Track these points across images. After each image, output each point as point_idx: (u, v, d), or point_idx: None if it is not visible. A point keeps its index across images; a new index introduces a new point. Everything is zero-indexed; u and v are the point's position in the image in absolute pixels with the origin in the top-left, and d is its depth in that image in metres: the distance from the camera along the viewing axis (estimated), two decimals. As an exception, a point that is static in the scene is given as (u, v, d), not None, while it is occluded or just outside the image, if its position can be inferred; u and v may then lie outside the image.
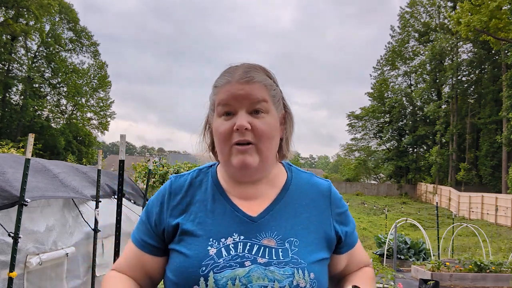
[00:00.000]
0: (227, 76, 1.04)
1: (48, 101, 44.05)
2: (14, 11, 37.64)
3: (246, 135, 1.00)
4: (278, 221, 1.03)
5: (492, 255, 12.45)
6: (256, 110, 1.01)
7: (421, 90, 44.06)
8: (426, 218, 25.93)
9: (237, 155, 1.01)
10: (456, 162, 38.48)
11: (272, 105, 1.05)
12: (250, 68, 1.05)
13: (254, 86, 1.02)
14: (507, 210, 22.63)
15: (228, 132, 1.01)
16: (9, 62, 39.09)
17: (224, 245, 0.98)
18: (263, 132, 1.01)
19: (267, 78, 1.06)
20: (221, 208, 1.04)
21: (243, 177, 1.06)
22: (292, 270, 0.96)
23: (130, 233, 3.91)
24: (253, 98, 1.01)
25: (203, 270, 0.95)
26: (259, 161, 1.02)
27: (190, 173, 1.13)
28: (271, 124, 1.03)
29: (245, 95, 1.01)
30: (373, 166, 50.74)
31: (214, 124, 1.06)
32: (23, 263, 3.10)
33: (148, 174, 5.66)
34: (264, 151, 1.02)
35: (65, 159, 26.05)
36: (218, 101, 1.04)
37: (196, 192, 1.08)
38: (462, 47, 40.22)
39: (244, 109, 1.01)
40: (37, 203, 3.34)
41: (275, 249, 0.98)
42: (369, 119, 47.96)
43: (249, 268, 0.95)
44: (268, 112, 1.03)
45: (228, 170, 1.07)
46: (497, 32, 24.85)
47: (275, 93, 1.07)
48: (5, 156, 4.03)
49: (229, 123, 1.01)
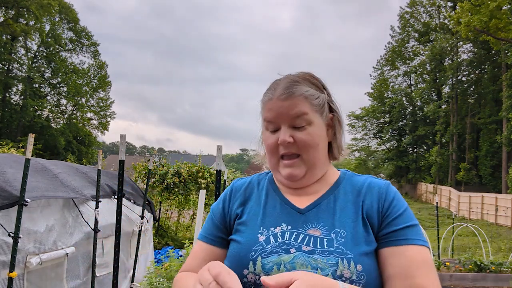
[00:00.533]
0: (269, 93, 1.11)
1: (48, 101, 44.04)
2: (14, 11, 37.64)
3: (290, 148, 1.08)
4: (325, 214, 1.07)
5: (492, 255, 12.44)
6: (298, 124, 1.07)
7: (421, 90, 44.06)
8: (426, 218, 25.93)
9: (285, 168, 1.10)
10: (456, 162, 38.48)
11: (315, 114, 1.09)
12: (291, 82, 1.09)
13: (293, 102, 1.07)
14: (507, 210, 22.63)
15: (274, 146, 1.10)
16: (9, 62, 39.09)
17: (273, 233, 1.05)
18: (306, 143, 1.07)
19: (308, 88, 1.10)
20: (273, 201, 1.14)
21: (293, 186, 1.14)
22: (337, 260, 0.97)
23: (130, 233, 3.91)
24: (292, 114, 1.06)
25: (252, 255, 1.02)
26: (306, 170, 1.10)
27: (251, 177, 1.25)
28: (314, 133, 1.08)
29: (285, 112, 1.07)
30: (373, 166, 50.75)
31: (263, 136, 1.16)
32: (23, 263, 3.10)
33: (148, 174, 5.66)
34: (310, 160, 1.09)
35: (65, 159, 26.04)
36: (264, 117, 1.12)
37: (253, 189, 1.20)
38: (462, 47, 40.22)
39: (286, 125, 1.07)
40: (37, 203, 3.34)
41: (320, 238, 1.02)
42: (369, 119, 47.95)
43: (294, 255, 1.00)
44: (310, 123, 1.08)
45: (277, 179, 1.17)
46: (497, 32, 24.84)
47: (318, 101, 1.10)
48: (5, 156, 4.03)
49: (275, 137, 1.09)
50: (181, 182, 9.79)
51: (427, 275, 0.94)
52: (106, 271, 4.46)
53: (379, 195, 1.08)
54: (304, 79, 1.12)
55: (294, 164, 1.09)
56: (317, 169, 1.12)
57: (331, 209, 1.08)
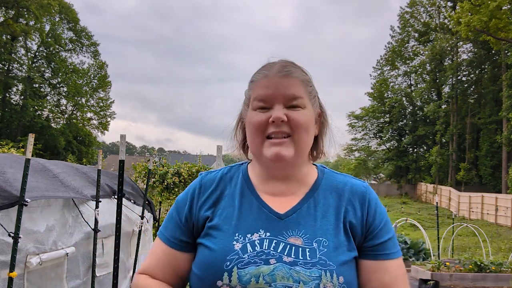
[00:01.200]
0: (264, 71, 1.04)
1: (48, 101, 44.04)
2: (14, 11, 37.65)
3: (282, 126, 0.99)
4: (306, 220, 1.00)
5: (492, 255, 12.44)
6: (293, 105, 1.01)
7: (421, 90, 44.07)
8: (426, 218, 25.92)
9: (271, 147, 1.00)
10: (456, 162, 38.47)
11: (309, 101, 1.05)
12: (288, 64, 1.05)
13: (291, 81, 1.01)
14: (507, 210, 22.63)
15: (262, 123, 1.00)
16: (9, 62, 39.09)
17: (250, 240, 0.96)
18: (300, 123, 1.00)
19: (304, 74, 1.06)
20: (248, 203, 1.03)
21: (276, 170, 1.04)
22: (320, 272, 0.92)
23: (130, 233, 3.91)
24: (290, 94, 1.00)
25: (227, 264, 0.93)
26: (294, 153, 1.01)
27: (221, 169, 1.13)
28: (308, 116, 1.02)
29: (282, 90, 1.00)
30: (373, 166, 50.75)
31: (248, 116, 1.05)
32: (23, 263, 3.10)
33: (148, 174, 5.66)
34: (301, 143, 1.01)
35: (65, 159, 26.05)
36: (255, 96, 1.03)
37: (226, 187, 1.08)
38: (462, 47, 40.23)
39: (281, 103, 1.00)
40: (37, 203, 3.34)
41: (302, 248, 0.95)
42: (369, 119, 47.94)
43: (273, 266, 0.92)
44: (304, 107, 1.02)
45: (261, 163, 1.06)
46: (497, 32, 24.83)
47: (311, 89, 1.06)
48: (5, 156, 4.03)
49: (265, 115, 1.01)
50: (181, 182, 9.79)
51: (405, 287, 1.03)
52: (106, 271, 4.46)
53: (362, 202, 1.05)
54: (299, 67, 1.08)
55: (283, 144, 0.99)
56: (303, 157, 1.05)
57: (312, 215, 1.01)
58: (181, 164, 10.23)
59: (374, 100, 47.44)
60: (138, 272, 1.10)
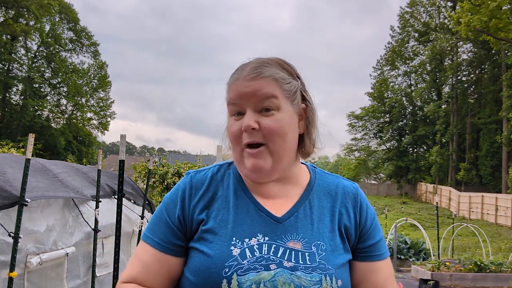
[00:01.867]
0: (236, 74, 1.00)
1: (48, 101, 44.05)
2: (14, 11, 37.65)
3: (254, 135, 0.95)
4: (303, 223, 0.98)
5: (492, 255, 12.45)
6: (265, 108, 0.96)
7: (421, 90, 44.08)
8: (426, 218, 25.93)
9: (249, 158, 0.96)
10: (456, 162, 38.48)
11: (285, 100, 0.98)
12: (260, 63, 0.99)
13: (261, 82, 0.96)
14: (507, 210, 22.63)
15: (237, 133, 0.97)
16: (9, 62, 39.11)
17: (248, 245, 0.93)
18: (272, 130, 0.95)
19: (279, 71, 0.99)
20: (244, 205, 0.99)
21: (257, 180, 1.01)
22: (320, 277, 0.91)
23: (130, 233, 3.89)
24: (259, 95, 0.95)
25: (226, 271, 0.89)
26: (272, 162, 0.97)
27: (210, 168, 1.08)
28: (282, 120, 0.96)
29: (251, 93, 0.95)
30: (373, 166, 50.77)
31: (227, 123, 1.02)
32: (23, 263, 3.11)
33: (148, 174, 5.66)
34: (277, 151, 0.96)
35: (65, 159, 26.04)
36: (228, 100, 1.00)
37: (218, 187, 1.03)
38: (462, 47, 40.26)
39: (251, 108, 0.96)
40: (37, 203, 3.34)
41: (302, 252, 0.93)
42: (369, 119, 47.97)
43: (274, 271, 0.89)
44: (278, 108, 0.97)
45: (242, 172, 1.02)
46: (497, 32, 24.84)
47: (288, 86, 0.99)
48: (5, 156, 4.03)
49: (239, 123, 0.97)
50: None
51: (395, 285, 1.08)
52: (106, 271, 4.46)
53: (354, 204, 1.05)
54: (275, 63, 1.01)
55: (258, 154, 0.95)
56: (284, 162, 1.00)
57: (309, 218, 0.99)
58: (181, 164, 10.23)
59: (374, 100, 47.46)
60: (122, 281, 1.00)
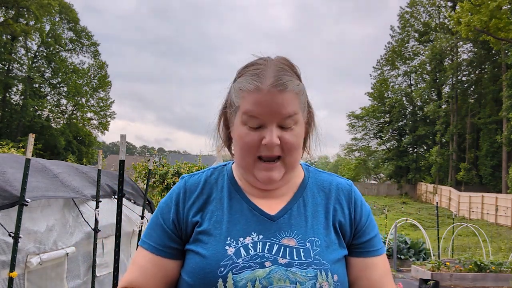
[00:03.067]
0: (256, 81, 0.93)
1: (48, 101, 44.07)
2: (14, 11, 37.66)
3: (274, 150, 0.94)
4: (297, 220, 0.99)
5: (492, 255, 12.45)
6: (287, 124, 0.95)
7: (421, 90, 44.10)
8: (426, 218, 25.93)
9: (262, 171, 0.97)
10: (456, 162, 38.49)
11: (302, 112, 0.98)
12: (281, 70, 0.95)
13: (286, 97, 0.92)
14: (507, 210, 22.64)
15: (254, 145, 0.94)
16: (9, 62, 39.11)
17: (243, 244, 0.93)
18: (292, 145, 0.95)
19: (298, 82, 0.97)
20: (238, 206, 1.00)
21: (266, 188, 1.02)
22: (315, 272, 0.91)
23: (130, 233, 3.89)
24: (285, 114, 0.93)
25: (221, 270, 0.89)
26: (284, 173, 0.99)
27: (204, 172, 1.08)
28: (299, 134, 0.98)
29: (277, 109, 0.92)
30: (373, 166, 50.78)
31: (237, 130, 0.98)
32: (23, 263, 3.11)
33: (148, 174, 5.66)
34: (292, 163, 0.99)
35: (65, 159, 26.04)
36: (244, 110, 0.94)
37: (212, 190, 1.03)
38: (462, 47, 40.27)
39: (274, 123, 0.93)
40: (37, 203, 3.34)
41: (296, 249, 0.94)
42: (369, 119, 47.98)
43: (269, 269, 0.90)
44: (297, 123, 0.97)
45: (249, 179, 1.03)
46: (497, 32, 24.83)
47: (304, 98, 0.99)
48: (5, 156, 4.03)
49: (256, 134, 0.94)
50: (181, 182, 9.79)
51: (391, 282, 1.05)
52: (106, 271, 4.46)
53: (348, 200, 1.06)
54: (291, 68, 0.98)
55: (275, 168, 0.96)
56: (294, 171, 1.04)
57: (303, 215, 1.00)
58: (181, 164, 10.23)
59: (374, 100, 47.47)
60: (121, 287, 1.00)
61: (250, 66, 0.98)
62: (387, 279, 1.04)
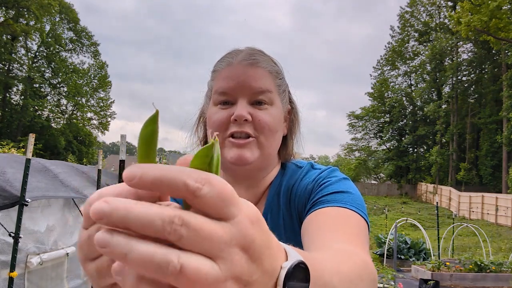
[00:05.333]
0: (228, 58, 0.91)
1: (48, 101, 44.06)
2: (14, 11, 37.67)
3: (245, 126, 0.87)
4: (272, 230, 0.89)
5: (492, 255, 12.46)
6: (258, 101, 0.89)
7: (421, 90, 44.10)
8: (426, 218, 25.93)
9: (232, 149, 0.88)
10: (456, 162, 38.49)
11: (277, 96, 0.92)
12: (255, 51, 0.92)
13: (258, 72, 0.89)
14: (507, 210, 22.63)
15: (224, 122, 0.88)
16: (9, 62, 39.11)
17: None
18: (266, 124, 0.88)
19: (274, 64, 0.94)
20: None
21: (238, 175, 0.94)
22: None
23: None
24: (256, 87, 0.88)
25: None
26: (259, 156, 0.89)
27: None
28: (275, 116, 0.90)
29: (247, 81, 0.87)
30: (373, 166, 50.76)
31: (208, 112, 0.93)
32: (23, 263, 3.11)
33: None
34: (266, 146, 0.89)
35: (66, 159, 26.05)
36: (216, 87, 0.91)
37: None
38: (462, 47, 40.27)
39: (245, 98, 0.88)
40: (37, 203, 3.34)
41: None
42: (369, 119, 47.98)
43: None
44: (272, 103, 0.90)
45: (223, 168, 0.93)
46: (497, 32, 24.84)
47: (281, 82, 0.94)
48: (5, 156, 4.03)
49: (226, 112, 0.89)
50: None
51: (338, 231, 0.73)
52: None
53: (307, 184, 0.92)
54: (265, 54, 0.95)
55: (246, 145, 0.87)
56: (270, 160, 0.94)
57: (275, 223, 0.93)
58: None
59: (374, 100, 47.48)
60: None
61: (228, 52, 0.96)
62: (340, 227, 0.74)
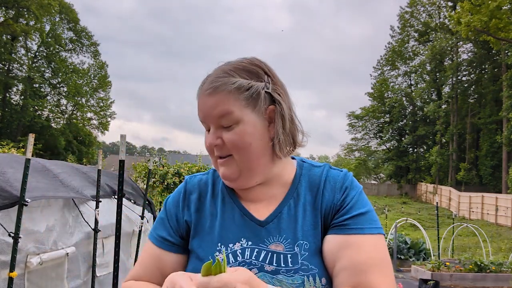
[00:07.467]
0: (199, 88, 0.99)
1: (48, 101, 44.04)
2: (14, 11, 37.66)
3: (221, 150, 0.97)
4: (287, 224, 0.96)
5: (492, 255, 12.46)
6: (223, 125, 0.95)
7: (421, 90, 44.13)
8: (426, 218, 25.94)
9: (220, 168, 0.99)
10: (456, 162, 38.50)
11: (244, 109, 0.94)
12: (217, 75, 0.96)
13: (215, 99, 0.94)
14: (507, 210, 22.64)
15: (210, 147, 0.99)
16: (9, 62, 39.09)
17: (232, 250, 0.94)
18: (234, 143, 0.94)
19: (237, 79, 0.94)
20: (230, 210, 1.01)
21: (235, 187, 1.03)
22: (302, 279, 0.89)
23: (130, 233, 3.90)
24: (215, 115, 0.95)
25: None
26: (241, 171, 0.97)
27: (204, 174, 1.11)
28: (243, 132, 0.94)
29: (208, 112, 0.96)
30: (373, 166, 50.80)
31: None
32: (23, 263, 3.11)
33: (148, 174, 5.66)
34: (243, 161, 0.96)
35: (65, 159, 26.06)
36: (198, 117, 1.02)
37: (207, 193, 1.05)
38: (462, 47, 40.28)
39: (213, 125, 0.97)
40: (37, 203, 3.34)
41: (284, 254, 0.92)
42: (369, 119, 48.02)
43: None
44: (237, 122, 0.94)
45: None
46: (497, 32, 24.84)
47: (247, 94, 0.94)
48: (5, 156, 4.03)
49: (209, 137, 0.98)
50: (181, 182, 9.81)
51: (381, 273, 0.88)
52: (106, 271, 4.46)
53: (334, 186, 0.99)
54: (237, 69, 0.96)
55: (225, 163, 0.97)
56: (254, 171, 0.98)
57: (292, 217, 0.97)
58: (181, 164, 10.23)
59: (374, 100, 47.51)
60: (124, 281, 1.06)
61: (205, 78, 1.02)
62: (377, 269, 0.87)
